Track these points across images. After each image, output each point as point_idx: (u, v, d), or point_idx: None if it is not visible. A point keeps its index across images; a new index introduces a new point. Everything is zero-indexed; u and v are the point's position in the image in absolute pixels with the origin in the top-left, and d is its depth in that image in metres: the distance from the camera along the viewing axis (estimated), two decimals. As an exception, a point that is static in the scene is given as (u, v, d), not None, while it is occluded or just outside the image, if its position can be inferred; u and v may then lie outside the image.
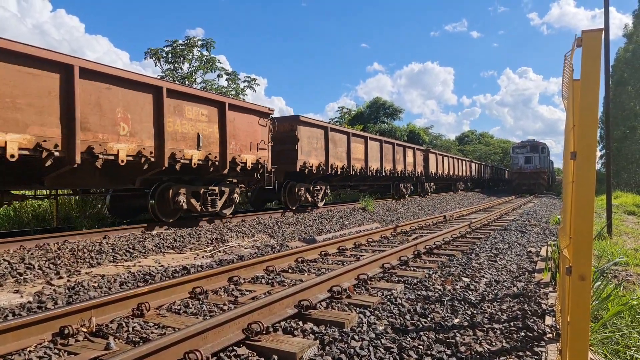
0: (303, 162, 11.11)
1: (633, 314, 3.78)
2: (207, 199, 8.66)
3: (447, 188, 27.27)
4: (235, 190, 9.43)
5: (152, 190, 7.97)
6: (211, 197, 8.73)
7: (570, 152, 1.75)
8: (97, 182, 7.16)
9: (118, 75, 6.62)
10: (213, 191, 8.79)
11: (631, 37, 35.37)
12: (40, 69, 5.59)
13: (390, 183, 18.11)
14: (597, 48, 1.61)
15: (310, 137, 11.45)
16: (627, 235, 9.33)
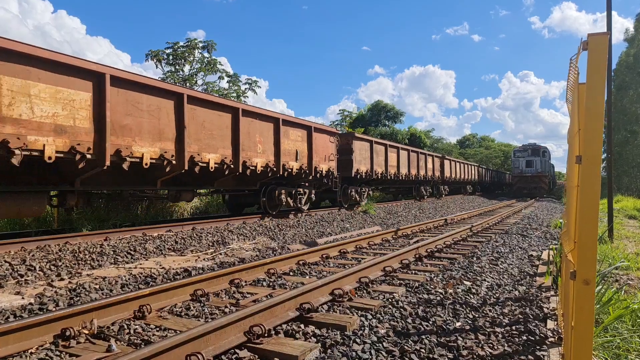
0: (357, 169, 13.76)
1: (634, 318, 3.77)
2: (297, 197, 11.59)
3: (457, 190, 29.31)
4: (312, 191, 12.30)
5: (263, 191, 10.62)
6: (299, 196, 11.66)
7: (576, 156, 1.75)
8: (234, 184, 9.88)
9: (258, 112, 9.64)
10: (299, 192, 11.69)
11: (633, 41, 35.42)
12: (223, 112, 8.66)
13: (412, 186, 20.44)
14: (604, 52, 1.61)
15: (360, 149, 14.14)
16: (628, 239, 9.31)
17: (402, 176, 17.57)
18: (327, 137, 12.33)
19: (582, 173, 1.65)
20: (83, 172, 6.32)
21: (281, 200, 10.82)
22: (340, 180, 13.21)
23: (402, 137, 36.62)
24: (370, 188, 15.74)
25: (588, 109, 1.59)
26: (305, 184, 11.93)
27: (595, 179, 1.64)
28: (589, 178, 1.64)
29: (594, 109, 1.59)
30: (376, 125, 38.46)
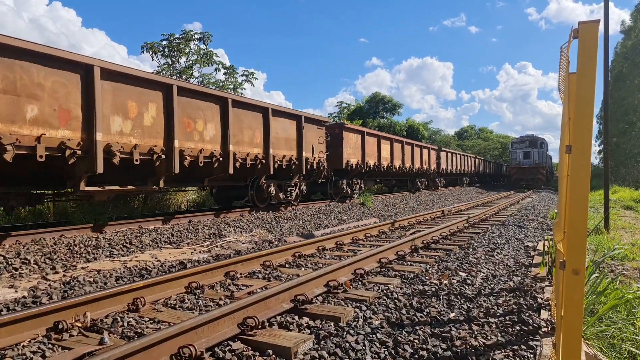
0: (347, 160, 13.39)
1: (629, 308, 3.79)
2: (288, 190, 11.26)
3: (453, 182, 29.03)
4: (302, 184, 11.85)
5: (251, 183, 10.22)
6: (290, 189, 11.33)
7: (566, 146, 1.73)
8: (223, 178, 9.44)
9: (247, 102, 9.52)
10: (290, 184, 11.33)
11: (629, 32, 35.29)
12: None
13: (408, 178, 20.53)
14: (594, 40, 1.59)
15: (351, 141, 13.83)
16: (624, 229, 9.35)
17: (396, 168, 17.39)
18: (314, 126, 11.81)
19: (572, 163, 1.64)
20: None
21: (270, 193, 10.43)
22: (331, 172, 13.06)
23: (400, 129, 36.56)
24: (362, 181, 15.49)
25: (578, 98, 1.57)
26: (295, 177, 11.44)
27: (585, 169, 1.62)
28: (579, 168, 1.62)
29: (584, 97, 1.57)
30: (374, 117, 38.38)
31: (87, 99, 6.08)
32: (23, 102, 5.37)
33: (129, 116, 6.72)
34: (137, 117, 6.81)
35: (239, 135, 8.99)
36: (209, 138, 8.21)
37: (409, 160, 19.07)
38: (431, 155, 22.56)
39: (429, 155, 22.18)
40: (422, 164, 20.82)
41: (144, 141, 6.93)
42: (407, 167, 18.77)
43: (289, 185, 11.21)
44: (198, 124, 7.99)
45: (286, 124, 10.66)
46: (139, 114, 6.86)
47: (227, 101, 8.53)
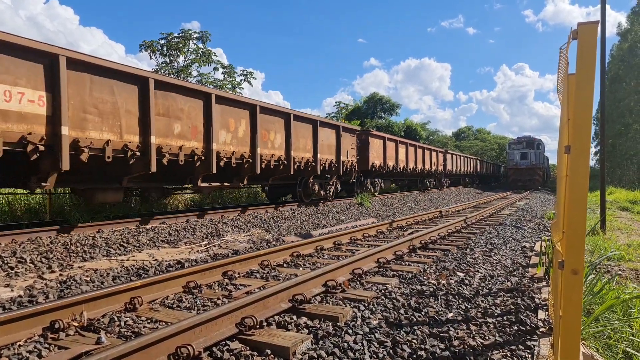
0: (372, 162, 15.49)
1: (625, 309, 3.81)
2: (327, 188, 13.32)
3: (457, 182, 31.07)
4: (337, 183, 13.99)
5: (300, 182, 12.12)
6: (328, 186, 13.39)
7: (565, 146, 1.74)
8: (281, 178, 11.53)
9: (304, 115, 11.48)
10: (329, 183, 13.41)
11: (625, 35, 35.47)
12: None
13: (418, 178, 22.45)
14: (593, 41, 1.59)
15: (375, 145, 15.96)
16: (620, 230, 9.39)
17: (409, 169, 19.43)
18: (348, 134, 13.97)
19: (571, 163, 1.64)
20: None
21: (314, 190, 12.39)
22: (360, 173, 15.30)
23: (398, 129, 36.61)
24: (382, 180, 17.65)
25: (577, 99, 1.57)
26: (333, 177, 13.59)
27: (584, 169, 1.63)
28: (578, 168, 1.62)
29: (583, 98, 1.58)
30: (372, 118, 38.41)
31: (207, 118, 8.16)
32: (172, 122, 7.49)
33: (230, 130, 8.87)
34: (234, 130, 9.00)
35: (297, 143, 11.06)
36: (277, 146, 10.37)
37: (421, 162, 21.09)
38: (439, 157, 24.55)
39: (437, 157, 24.14)
40: (431, 165, 22.73)
41: (238, 149, 9.08)
42: (419, 168, 20.82)
43: (328, 184, 13.33)
44: (270, 134, 10.11)
45: (328, 132, 12.68)
46: (235, 128, 9.03)
47: (289, 116, 10.66)
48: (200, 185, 8.51)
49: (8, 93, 5.27)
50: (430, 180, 23.79)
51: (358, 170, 14.71)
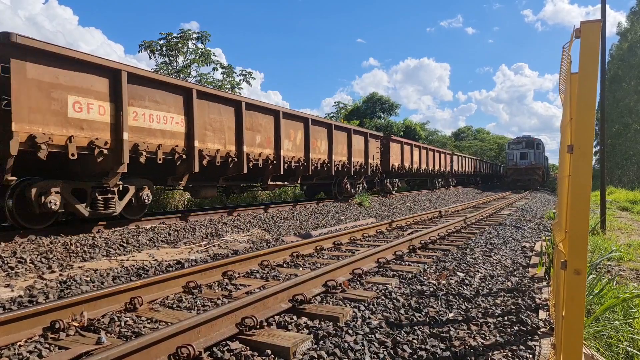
0: (392, 164, 17.48)
1: (626, 308, 3.80)
2: (356, 187, 15.21)
3: (461, 182, 32.41)
4: (364, 182, 15.76)
5: (334, 182, 14.15)
6: (358, 185, 15.28)
7: (567, 145, 1.73)
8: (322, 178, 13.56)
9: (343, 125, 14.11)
10: (358, 182, 15.27)
11: (625, 34, 35.50)
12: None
13: (427, 178, 24.22)
14: (596, 39, 1.59)
15: (394, 149, 18.02)
16: (620, 230, 9.39)
17: (422, 170, 21.46)
18: (374, 140, 16.15)
19: (574, 162, 1.64)
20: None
21: (347, 189, 14.37)
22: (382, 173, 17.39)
23: (397, 129, 36.61)
24: (399, 180, 19.67)
25: (580, 97, 1.57)
26: (362, 177, 15.59)
27: (586, 169, 1.62)
28: (581, 167, 1.62)
29: (586, 97, 1.57)
30: (371, 118, 38.41)
31: (276, 130, 10.29)
32: (255, 134, 9.61)
33: (290, 139, 10.96)
34: (293, 139, 11.07)
35: (336, 149, 13.10)
36: (322, 151, 12.48)
37: (431, 164, 23.07)
38: (446, 158, 26.47)
39: (445, 158, 26.08)
40: (439, 166, 24.64)
41: (296, 154, 11.20)
42: (430, 169, 22.79)
43: (357, 183, 15.25)
44: (318, 142, 12.22)
45: (359, 139, 14.77)
46: (294, 137, 11.12)
47: (331, 126, 12.91)
48: (269, 183, 10.69)
49: (165, 117, 7.33)
50: (438, 179, 25.47)
51: (381, 171, 16.87)
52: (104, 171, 6.62)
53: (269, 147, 10.08)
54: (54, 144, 5.73)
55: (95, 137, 6.22)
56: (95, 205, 6.65)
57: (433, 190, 23.60)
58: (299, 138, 11.35)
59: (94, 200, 6.64)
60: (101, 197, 6.70)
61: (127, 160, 6.60)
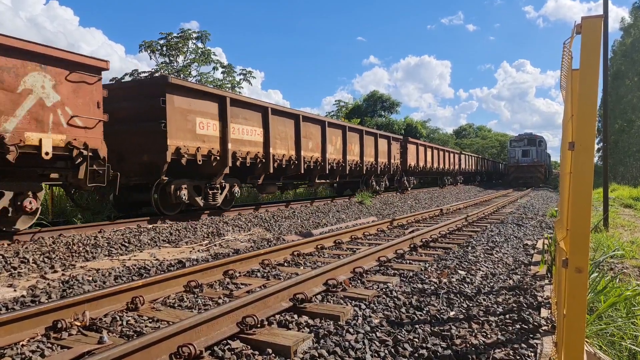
0: (409, 163, 19.68)
1: (628, 306, 3.79)
2: (380, 184, 17.47)
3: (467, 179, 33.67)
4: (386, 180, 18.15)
5: (362, 181, 16.05)
6: (381, 182, 17.57)
7: (568, 143, 1.72)
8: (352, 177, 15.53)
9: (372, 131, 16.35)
10: (382, 180, 17.73)
11: (628, 30, 35.31)
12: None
13: (437, 176, 25.87)
14: (597, 35, 1.57)
15: (411, 149, 20.15)
16: (623, 227, 9.36)
17: (434, 169, 23.51)
18: (395, 142, 18.33)
19: (575, 159, 1.62)
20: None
21: (373, 186, 16.48)
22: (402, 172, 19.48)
23: (398, 127, 36.55)
24: (415, 178, 21.45)
25: (581, 94, 1.56)
26: (385, 175, 17.77)
27: (588, 166, 1.61)
28: (582, 165, 1.61)
29: (588, 93, 1.56)
30: (372, 116, 38.35)
31: (323, 137, 12.53)
32: (308, 141, 11.74)
33: (332, 144, 13.13)
34: (334, 144, 13.24)
35: (366, 151, 15.25)
36: (355, 153, 14.69)
37: (442, 163, 25.04)
38: (455, 157, 28.24)
39: (453, 157, 27.87)
40: (449, 165, 26.48)
41: (337, 157, 13.41)
42: (441, 168, 24.75)
43: (381, 181, 17.53)
44: (352, 145, 14.39)
45: (383, 142, 16.90)
46: (335, 142, 13.29)
47: (362, 131, 15.21)
48: (316, 181, 13.02)
49: (250, 130, 9.67)
50: (447, 177, 27.10)
51: (400, 170, 18.99)
52: (213, 173, 8.84)
53: (318, 151, 12.36)
54: (189, 153, 7.98)
55: (211, 147, 8.51)
56: (207, 198, 8.81)
57: (442, 187, 25.21)
58: (338, 143, 13.57)
59: (206, 194, 8.79)
60: (211, 192, 8.87)
61: (230, 164, 8.86)
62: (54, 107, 5.89)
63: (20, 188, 6.00)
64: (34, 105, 5.68)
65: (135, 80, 8.27)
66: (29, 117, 5.64)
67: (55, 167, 6.32)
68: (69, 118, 6.05)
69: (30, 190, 6.10)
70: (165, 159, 7.52)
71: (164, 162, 7.55)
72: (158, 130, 7.49)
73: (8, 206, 5.84)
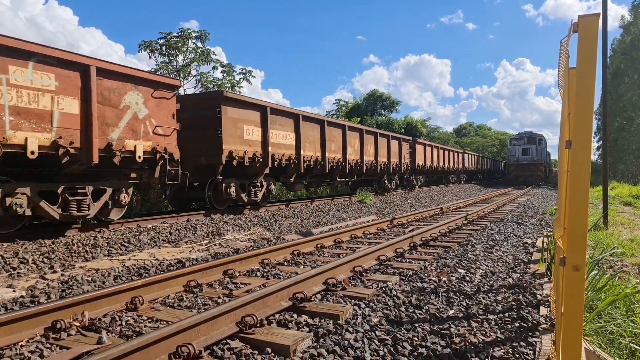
0: (418, 163, 21.07)
1: (628, 304, 3.79)
2: (392, 182, 18.47)
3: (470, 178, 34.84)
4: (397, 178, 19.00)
5: (375, 179, 17.21)
6: (393, 180, 18.59)
7: (565, 141, 1.72)
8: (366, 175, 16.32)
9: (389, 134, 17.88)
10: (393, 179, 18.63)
11: (628, 28, 35.26)
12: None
13: (442, 175, 27.31)
14: (594, 33, 1.57)
15: (419, 149, 21.41)
16: (623, 225, 9.36)
17: (440, 167, 24.88)
18: (405, 143, 19.68)
19: (572, 158, 1.62)
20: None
21: (384, 184, 17.52)
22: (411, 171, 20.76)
23: (398, 126, 36.54)
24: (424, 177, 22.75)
25: (578, 92, 1.55)
26: (396, 174, 18.77)
27: (585, 164, 1.61)
28: (579, 163, 1.60)
29: (584, 92, 1.55)
30: (372, 115, 38.33)
31: (343, 140, 13.78)
32: (331, 143, 13.01)
33: (351, 146, 14.37)
34: (353, 146, 14.50)
35: (380, 152, 16.53)
36: (371, 154, 15.87)
37: (447, 162, 26.39)
38: (459, 157, 29.61)
39: (458, 157, 29.27)
40: (453, 164, 27.80)
41: (355, 157, 14.67)
42: (446, 167, 26.06)
43: (392, 179, 18.47)
44: (368, 147, 15.64)
45: (395, 143, 18.18)
46: (353, 144, 14.52)
47: (377, 134, 16.41)
48: (337, 180, 14.29)
49: (285, 135, 10.92)
50: (452, 176, 28.38)
51: (410, 169, 20.27)
52: (256, 172, 10.16)
53: (339, 152, 13.61)
54: (239, 155, 9.28)
55: (255, 150, 9.83)
56: (250, 194, 10.11)
57: (447, 185, 26.79)
58: (356, 145, 14.80)
59: (249, 191, 10.08)
60: (253, 189, 10.18)
61: (270, 165, 10.16)
62: (144, 119, 7.20)
63: (117, 185, 7.26)
64: (130, 118, 6.97)
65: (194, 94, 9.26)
66: (127, 128, 6.92)
67: (138, 168, 7.61)
68: (154, 127, 7.36)
69: (123, 187, 7.36)
70: (220, 161, 8.85)
71: (219, 164, 8.89)
72: (215, 136, 8.81)
73: (108, 200, 7.12)
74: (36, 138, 5.64)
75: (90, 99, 6.27)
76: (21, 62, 5.53)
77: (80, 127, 6.21)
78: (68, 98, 6.06)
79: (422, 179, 22.32)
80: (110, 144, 6.56)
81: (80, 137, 6.19)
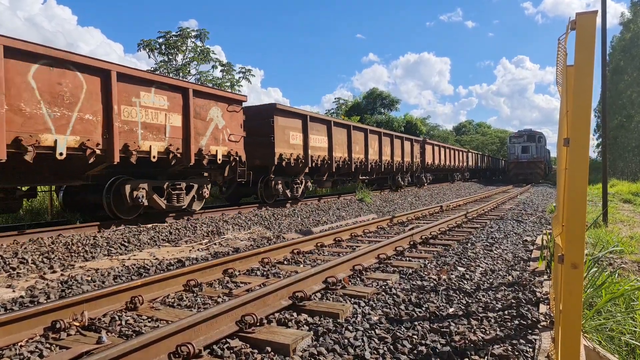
0: (427, 161, 22.35)
1: (627, 301, 3.79)
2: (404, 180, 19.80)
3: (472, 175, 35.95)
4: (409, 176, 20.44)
5: (390, 177, 18.82)
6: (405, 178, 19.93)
7: (564, 139, 1.72)
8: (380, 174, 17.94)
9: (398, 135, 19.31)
10: (405, 177, 20.01)
11: (628, 25, 35.23)
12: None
13: (448, 173, 28.49)
14: (592, 31, 1.57)
15: (428, 149, 22.64)
16: (623, 223, 9.36)
17: (447, 166, 26.33)
18: (417, 143, 21.11)
19: (570, 155, 1.62)
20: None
21: (398, 182, 19.02)
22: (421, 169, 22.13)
23: (398, 125, 36.55)
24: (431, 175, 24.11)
25: (576, 90, 1.55)
26: (408, 172, 20.32)
27: (583, 162, 1.60)
28: (577, 160, 1.60)
29: (582, 89, 1.55)
30: (372, 113, 38.35)
31: (365, 142, 15.17)
32: (354, 145, 14.39)
33: (372, 147, 15.73)
34: (373, 147, 15.87)
35: (395, 152, 17.99)
36: (387, 154, 17.32)
37: (453, 160, 27.80)
38: (463, 155, 30.95)
39: (463, 155, 30.70)
40: (458, 162, 29.17)
41: (375, 157, 16.03)
42: (452, 165, 27.48)
43: (405, 177, 19.87)
44: (386, 148, 17.06)
45: (407, 143, 19.72)
46: (373, 145, 15.92)
47: (392, 135, 18.05)
48: (360, 178, 15.80)
49: (319, 139, 12.37)
50: (456, 173, 29.52)
51: (420, 168, 21.69)
52: (298, 172, 11.80)
53: (362, 153, 15.06)
54: (286, 157, 10.82)
55: (298, 153, 11.40)
56: (292, 190, 11.81)
57: (452, 182, 28.20)
58: (376, 146, 16.22)
59: (292, 188, 11.75)
60: (295, 186, 11.85)
61: (310, 165, 11.78)
62: (222, 128, 8.99)
63: (200, 182, 8.94)
64: (213, 129, 8.73)
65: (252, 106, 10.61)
66: (211, 136, 8.68)
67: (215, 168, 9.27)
68: (229, 135, 9.16)
69: (204, 184, 9.02)
70: (273, 162, 10.52)
71: (272, 165, 10.57)
72: (268, 142, 10.45)
73: (195, 193, 8.76)
74: (156, 146, 7.44)
75: (189, 115, 8.03)
76: (147, 88, 7.33)
77: (182, 137, 7.98)
78: (175, 114, 7.86)
79: (430, 176, 23.73)
80: (201, 149, 8.32)
81: (182, 144, 7.96)
